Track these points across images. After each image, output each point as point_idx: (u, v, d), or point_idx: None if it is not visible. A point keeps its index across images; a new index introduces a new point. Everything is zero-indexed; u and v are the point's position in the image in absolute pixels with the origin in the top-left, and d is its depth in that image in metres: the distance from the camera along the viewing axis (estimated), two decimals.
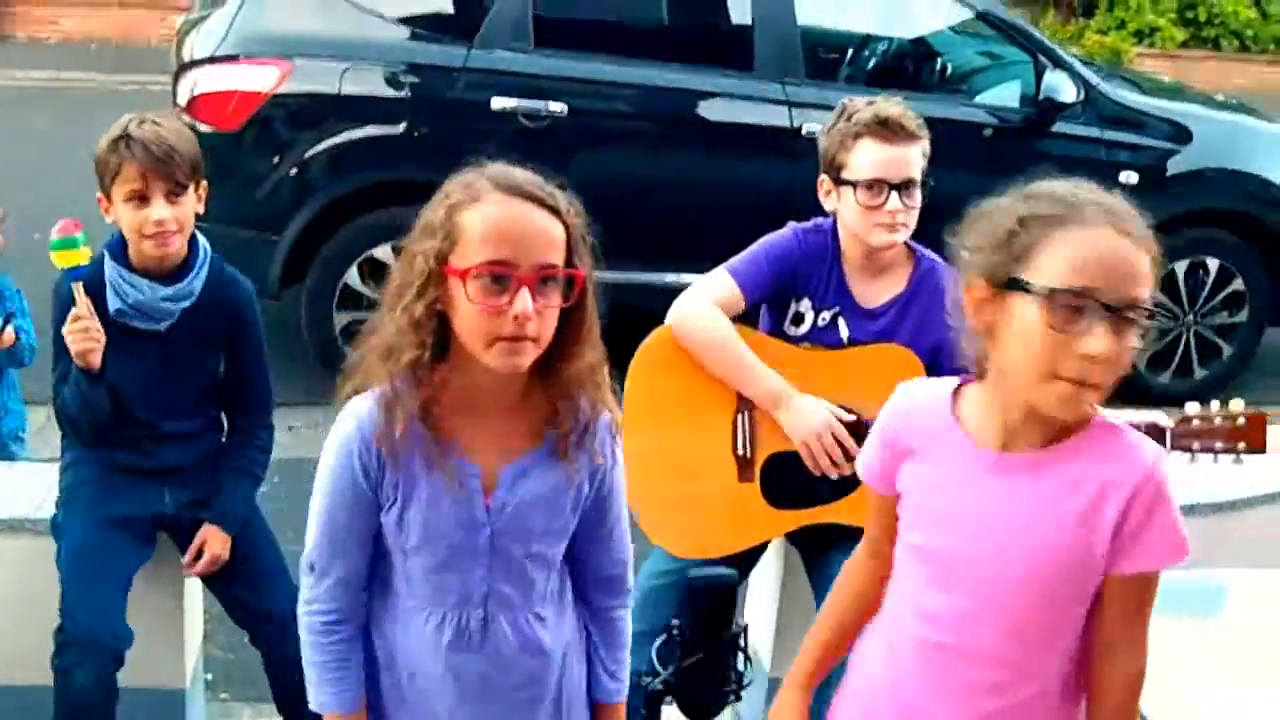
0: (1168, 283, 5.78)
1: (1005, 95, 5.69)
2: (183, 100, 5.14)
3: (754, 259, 2.85)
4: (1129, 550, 1.72)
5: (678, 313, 2.80)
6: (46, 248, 2.68)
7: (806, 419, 2.71)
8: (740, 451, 2.79)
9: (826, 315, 2.85)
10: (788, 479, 2.76)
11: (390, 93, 5.15)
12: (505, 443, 1.85)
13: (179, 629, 3.00)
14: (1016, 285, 1.68)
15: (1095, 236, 1.66)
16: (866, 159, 2.70)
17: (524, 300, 1.70)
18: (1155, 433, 2.69)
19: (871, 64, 6.35)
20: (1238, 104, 6.74)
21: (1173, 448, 2.69)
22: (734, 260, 2.85)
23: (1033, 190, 1.74)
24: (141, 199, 2.67)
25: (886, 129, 2.69)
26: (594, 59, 5.33)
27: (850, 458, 2.69)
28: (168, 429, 2.83)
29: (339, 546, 1.87)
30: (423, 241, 1.78)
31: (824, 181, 2.80)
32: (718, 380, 2.79)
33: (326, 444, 1.87)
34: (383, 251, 5.17)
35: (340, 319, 5.24)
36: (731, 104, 5.34)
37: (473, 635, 1.88)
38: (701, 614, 1.45)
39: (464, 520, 1.83)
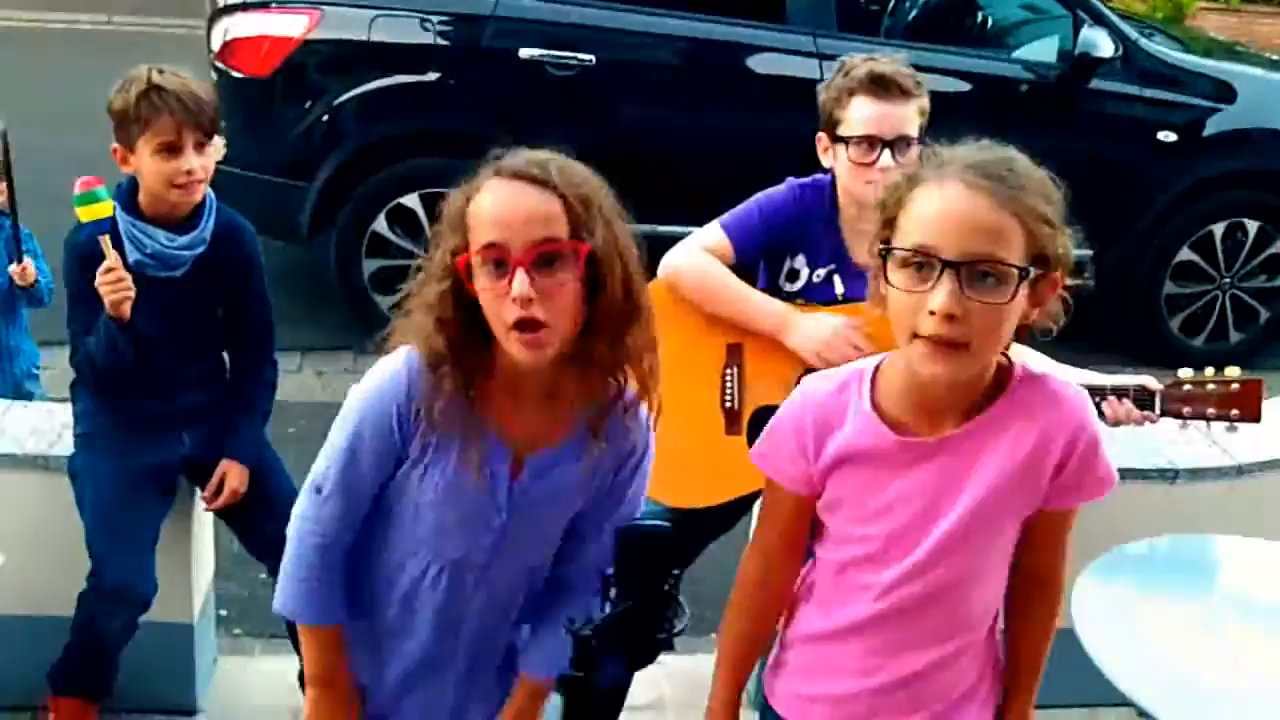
0: (1205, 245, 5.71)
1: (1043, 50, 5.61)
2: (216, 46, 5.20)
3: (748, 213, 2.85)
4: (1066, 490, 1.78)
5: (670, 264, 2.82)
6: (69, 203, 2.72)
7: (817, 331, 2.73)
8: (728, 404, 2.81)
9: (822, 272, 2.85)
10: None
11: (419, 40, 5.15)
12: (539, 430, 1.83)
13: (186, 565, 3.07)
14: (883, 251, 1.69)
15: (942, 194, 1.64)
16: (859, 115, 2.69)
17: (520, 281, 1.66)
18: (1144, 396, 2.68)
19: (911, 16, 6.28)
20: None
21: (1162, 413, 2.67)
22: (728, 214, 2.86)
23: (925, 151, 1.74)
24: (173, 149, 2.71)
25: (880, 86, 2.68)
26: (623, 9, 5.31)
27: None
28: (186, 373, 2.91)
29: (349, 485, 1.87)
30: (443, 237, 1.77)
31: (821, 138, 2.80)
32: (706, 335, 2.81)
33: (368, 382, 1.85)
34: (411, 199, 5.21)
35: (369, 266, 5.30)
36: (761, 56, 5.32)
37: (468, 593, 1.92)
38: (634, 564, 1.48)
39: (483, 500, 1.84)
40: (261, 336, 3.01)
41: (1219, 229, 5.69)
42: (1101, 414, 2.69)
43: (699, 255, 2.80)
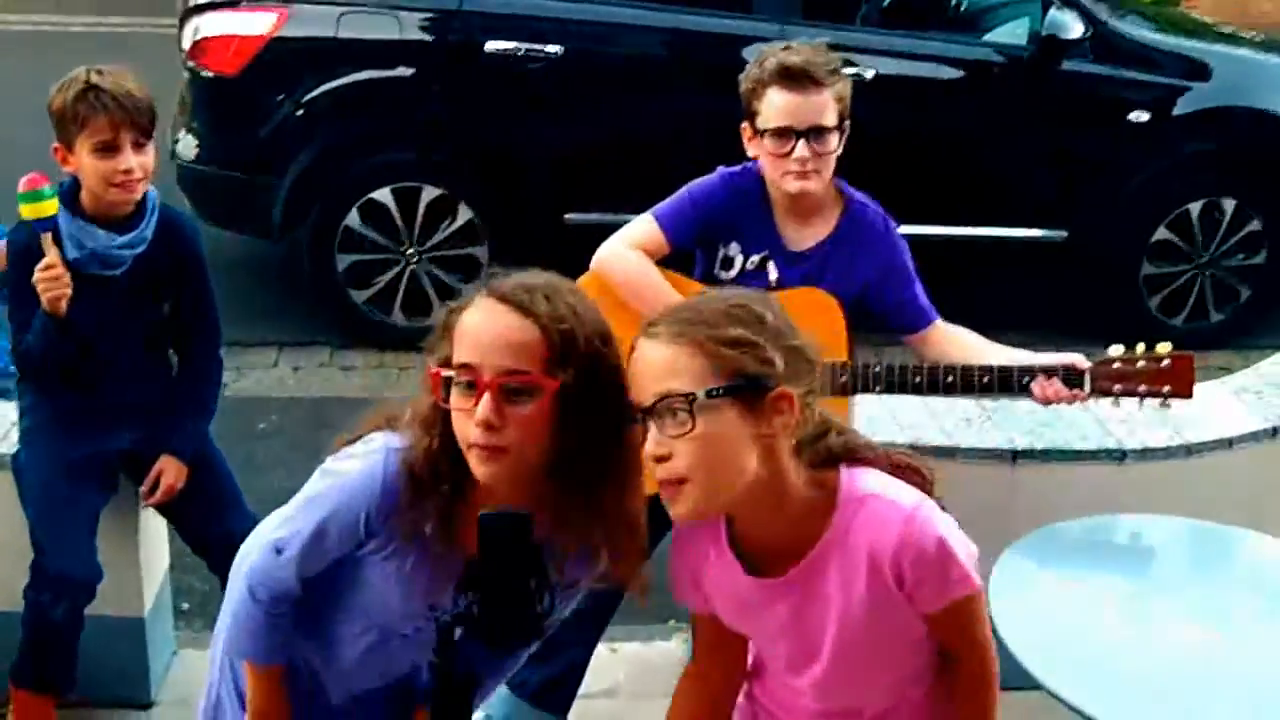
0: (1182, 224, 5.70)
1: (1014, 32, 5.60)
2: (186, 45, 5.23)
3: (679, 203, 2.87)
4: (922, 598, 1.76)
5: (600, 255, 2.84)
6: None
7: None
8: None
9: (755, 259, 2.87)
10: None
11: (387, 36, 5.18)
12: None
13: (135, 559, 3.11)
14: None
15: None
16: (773, 107, 2.70)
17: (483, 407, 1.66)
18: (1073, 375, 2.69)
19: (886, 2, 6.27)
20: (1265, 41, 6.57)
21: (1092, 391, 2.68)
22: (661, 204, 2.89)
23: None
24: (110, 149, 2.75)
25: (790, 78, 2.68)
26: (591, 1, 5.32)
27: None
28: (125, 369, 2.93)
29: (307, 559, 1.88)
30: (433, 344, 1.77)
31: (745, 129, 2.81)
32: (637, 326, 2.82)
33: (344, 470, 1.84)
34: (382, 194, 5.24)
35: (342, 260, 5.32)
36: (727, 46, 5.32)
37: (381, 648, 1.95)
38: (492, 550, 1.50)
39: (425, 598, 1.84)
40: (205, 334, 3.04)
41: (1195, 208, 5.67)
42: (1031, 393, 2.71)
43: (625, 250, 2.82)
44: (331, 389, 5.17)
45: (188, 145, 5.33)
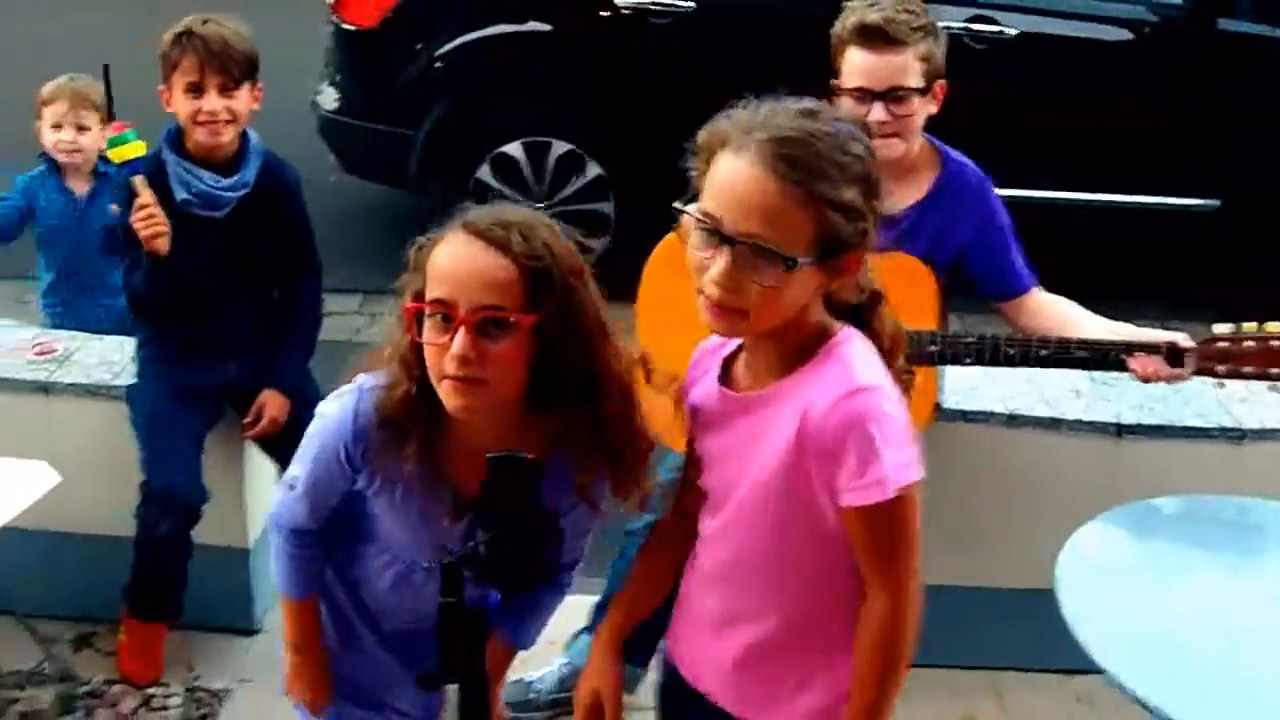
0: None
1: None
2: None
3: None
4: (834, 483, 1.66)
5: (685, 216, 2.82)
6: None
7: None
8: None
9: None
10: None
11: None
12: None
13: (240, 491, 3.23)
14: (681, 206, 1.68)
15: (735, 165, 1.61)
16: (851, 66, 2.62)
17: (459, 342, 1.67)
18: (1174, 354, 2.57)
19: None
20: None
21: (1195, 371, 2.56)
22: None
23: (752, 103, 1.69)
24: (197, 90, 2.87)
25: (866, 36, 2.59)
26: None
27: None
28: (229, 305, 3.05)
29: (315, 489, 1.93)
30: (408, 277, 1.79)
31: (835, 87, 2.75)
32: None
33: (325, 411, 1.89)
34: (513, 148, 5.29)
35: None
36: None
37: (405, 581, 1.98)
38: (501, 492, 1.51)
39: (429, 531, 1.88)
40: (306, 272, 3.15)
41: None
42: (1129, 369, 2.60)
43: None
44: None
45: (328, 96, 5.46)
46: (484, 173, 5.33)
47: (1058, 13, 5.25)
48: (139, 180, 2.82)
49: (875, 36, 2.58)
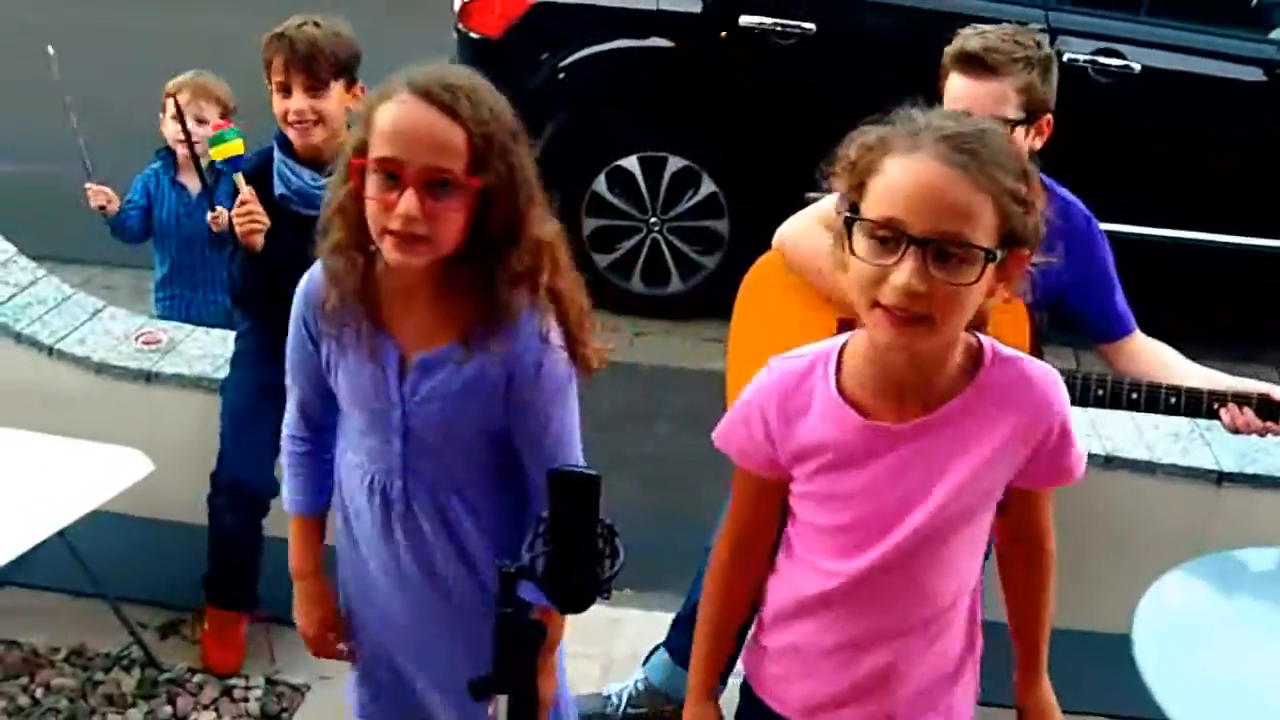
0: None
1: None
2: (456, 6, 5.42)
3: None
4: (1034, 476, 1.76)
5: (782, 231, 2.80)
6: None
7: None
8: None
9: None
10: None
11: (643, 5, 5.23)
12: (428, 332, 1.92)
13: None
14: (851, 215, 1.62)
15: (914, 166, 1.56)
16: (950, 93, 2.59)
17: (407, 201, 1.73)
18: (1266, 406, 2.50)
19: None
20: None
21: None
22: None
23: (895, 114, 1.66)
24: (285, 90, 2.94)
25: (966, 63, 2.56)
26: None
27: None
28: None
29: (295, 377, 2.08)
30: (353, 130, 1.86)
31: None
32: (818, 306, 2.77)
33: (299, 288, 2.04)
34: (629, 162, 5.31)
35: (589, 225, 5.42)
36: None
37: (394, 505, 2.01)
38: (562, 508, 1.51)
39: (380, 395, 1.94)
40: None
41: None
42: (1220, 419, 2.53)
43: (804, 222, 2.76)
44: None
45: None
46: (600, 185, 5.35)
47: (1185, 48, 5.11)
48: (239, 177, 2.91)
49: (973, 63, 2.56)
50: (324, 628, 2.21)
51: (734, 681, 2.10)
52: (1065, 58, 4.94)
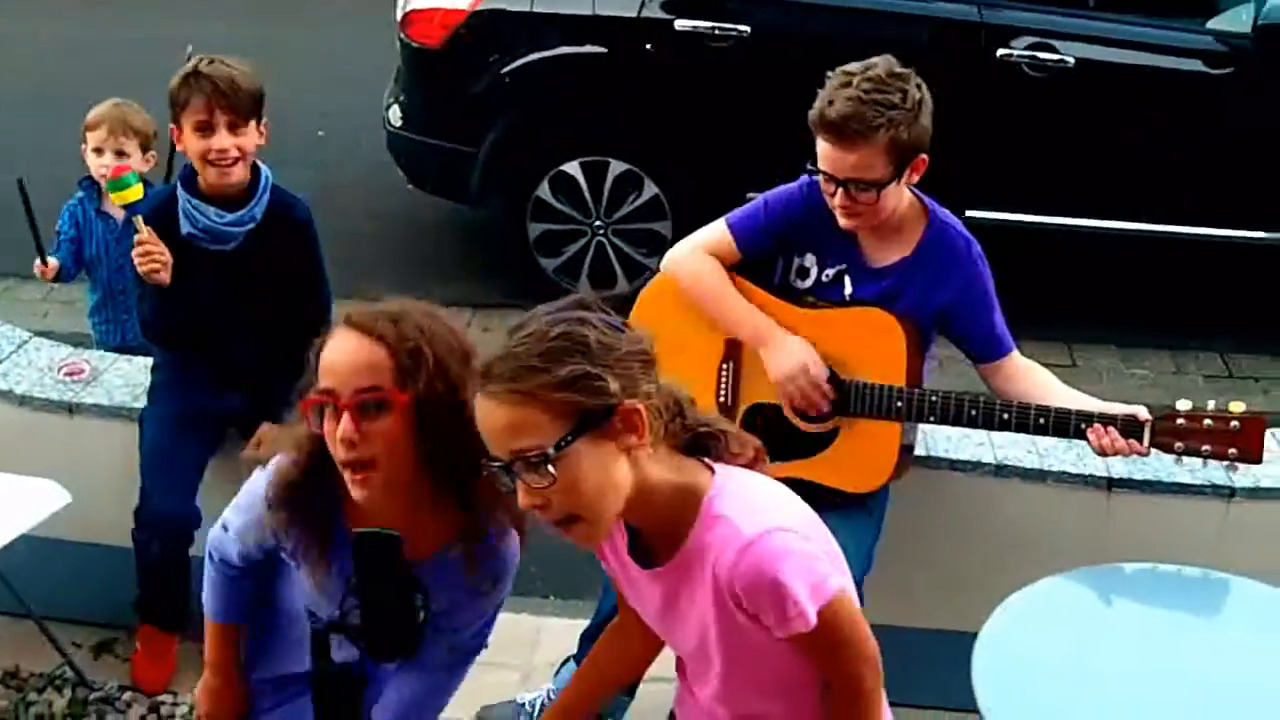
0: None
1: (1238, 20, 5.17)
2: (398, 17, 5.48)
3: (754, 210, 2.88)
4: (767, 624, 1.74)
5: (668, 261, 2.89)
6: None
7: (788, 356, 2.75)
8: (721, 399, 2.86)
9: (831, 272, 2.84)
10: (766, 430, 2.80)
11: (581, 11, 5.28)
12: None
13: None
14: None
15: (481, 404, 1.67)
16: (820, 152, 2.67)
17: (344, 425, 1.80)
18: (1132, 426, 2.57)
19: None
20: None
21: (1152, 444, 2.57)
22: (736, 210, 2.89)
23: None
24: (207, 128, 3.00)
25: (827, 131, 2.63)
26: None
27: (825, 402, 2.73)
28: (236, 336, 3.17)
29: (244, 540, 2.09)
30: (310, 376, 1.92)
31: None
32: (706, 330, 2.85)
33: (252, 484, 2.06)
34: (572, 167, 5.37)
35: (534, 230, 5.49)
36: (918, 27, 5.18)
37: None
38: (365, 566, 1.60)
39: (331, 597, 1.96)
40: (314, 306, 3.22)
41: None
42: (1086, 438, 2.61)
43: (696, 255, 2.85)
44: None
45: (395, 113, 5.61)
46: (543, 191, 5.42)
47: (1117, 41, 5.16)
48: (138, 220, 2.99)
49: (833, 132, 2.62)
50: (220, 716, 2.27)
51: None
52: (999, 53, 5.01)
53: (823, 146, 2.64)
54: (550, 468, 1.63)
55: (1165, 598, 2.56)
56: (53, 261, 3.73)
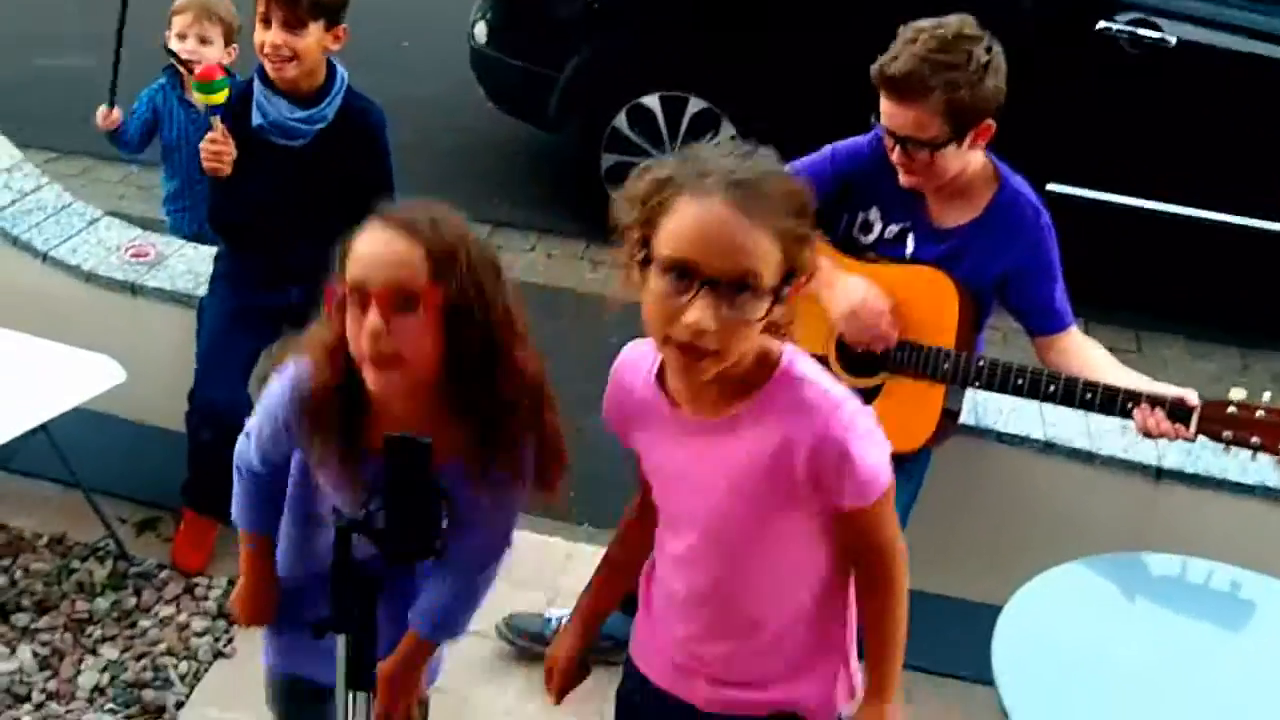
0: None
1: None
2: None
3: (821, 158, 2.84)
4: (832, 495, 1.77)
5: None
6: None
7: (851, 291, 2.72)
8: None
9: (894, 229, 2.81)
10: None
11: None
12: None
13: None
14: (645, 250, 1.68)
15: (703, 209, 1.62)
16: (882, 107, 2.63)
17: (371, 317, 1.78)
18: (1178, 410, 2.53)
19: None
20: None
21: (1199, 431, 2.52)
22: (803, 158, 2.85)
23: (685, 151, 1.72)
24: (265, 21, 3.02)
25: (887, 86, 2.59)
26: None
27: (893, 331, 2.72)
28: (297, 233, 3.16)
29: (265, 446, 2.08)
30: (337, 271, 1.90)
31: None
32: None
33: (271, 387, 2.02)
34: (651, 100, 5.33)
35: (607, 160, 5.47)
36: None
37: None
38: (396, 469, 1.62)
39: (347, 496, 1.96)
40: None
41: None
42: (1132, 417, 2.57)
43: None
44: (576, 281, 5.36)
45: (481, 30, 5.59)
46: (620, 121, 5.39)
47: (1226, 25, 5.02)
48: (215, 119, 3.03)
49: (892, 87, 2.59)
50: (260, 619, 2.29)
51: None
52: (1099, 25, 4.90)
53: (883, 101, 2.62)
54: (765, 304, 1.64)
55: (1194, 592, 2.52)
56: (117, 112, 3.75)
